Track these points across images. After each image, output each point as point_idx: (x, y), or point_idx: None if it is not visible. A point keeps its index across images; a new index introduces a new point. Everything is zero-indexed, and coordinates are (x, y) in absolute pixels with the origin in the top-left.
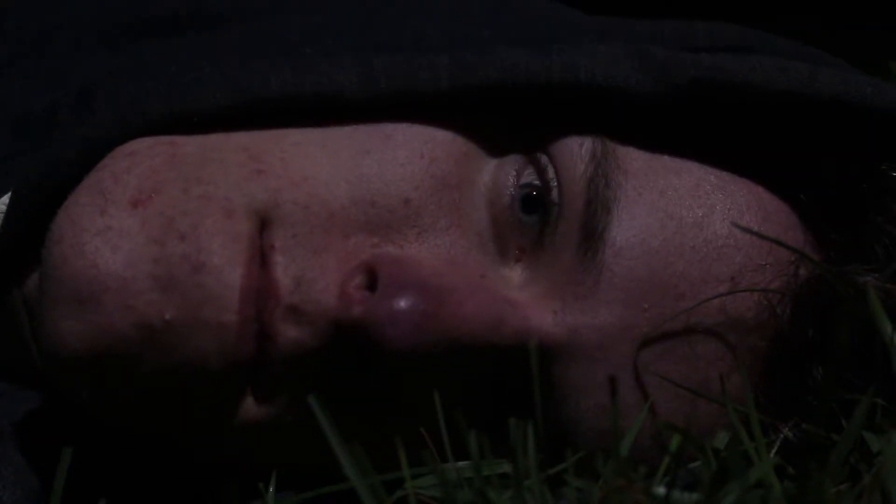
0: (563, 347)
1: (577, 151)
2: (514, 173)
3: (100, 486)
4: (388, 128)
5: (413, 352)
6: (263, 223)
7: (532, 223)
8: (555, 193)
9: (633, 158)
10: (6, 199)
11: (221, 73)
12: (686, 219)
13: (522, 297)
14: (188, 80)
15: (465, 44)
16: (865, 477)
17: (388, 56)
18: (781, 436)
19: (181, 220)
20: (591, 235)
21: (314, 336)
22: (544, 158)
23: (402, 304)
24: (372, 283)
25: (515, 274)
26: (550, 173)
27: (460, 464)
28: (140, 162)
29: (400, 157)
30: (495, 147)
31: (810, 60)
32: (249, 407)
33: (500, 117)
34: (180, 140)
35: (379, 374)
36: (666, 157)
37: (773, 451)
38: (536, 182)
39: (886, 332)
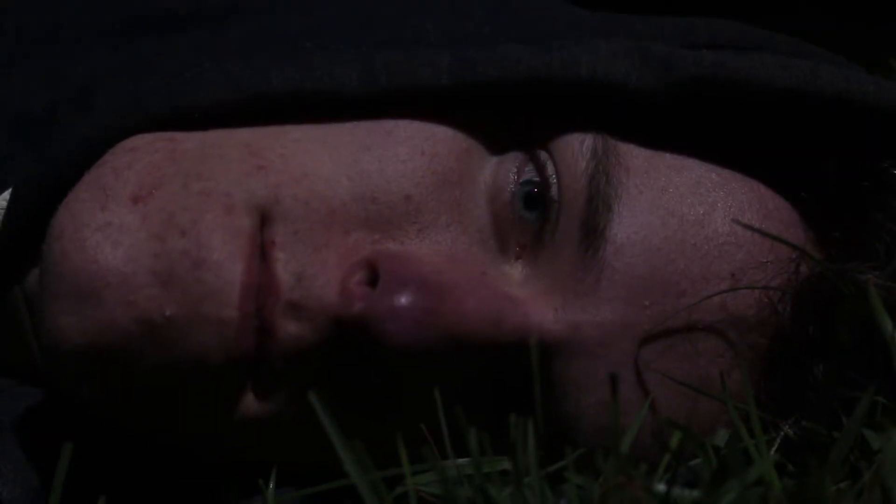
0: (563, 344)
1: (578, 148)
2: (515, 170)
3: (99, 483)
4: (389, 124)
5: (413, 348)
6: (264, 219)
7: (532, 220)
8: (554, 190)
9: (635, 156)
10: (6, 195)
11: (222, 69)
12: (687, 216)
13: (523, 294)
14: (189, 77)
15: (466, 41)
16: (866, 475)
17: (389, 53)
18: (782, 433)
19: (181, 215)
20: (593, 232)
21: (314, 332)
22: (544, 155)
23: (403, 300)
24: (373, 279)
25: (516, 271)
26: (550, 170)
27: (461, 461)
28: (140, 158)
29: (401, 153)
30: (496, 144)
31: (812, 58)
32: (250, 403)
33: (501, 114)
34: (181, 136)
35: (379, 371)
36: (667, 155)
37: (774, 448)
38: (536, 178)
39: (887, 329)
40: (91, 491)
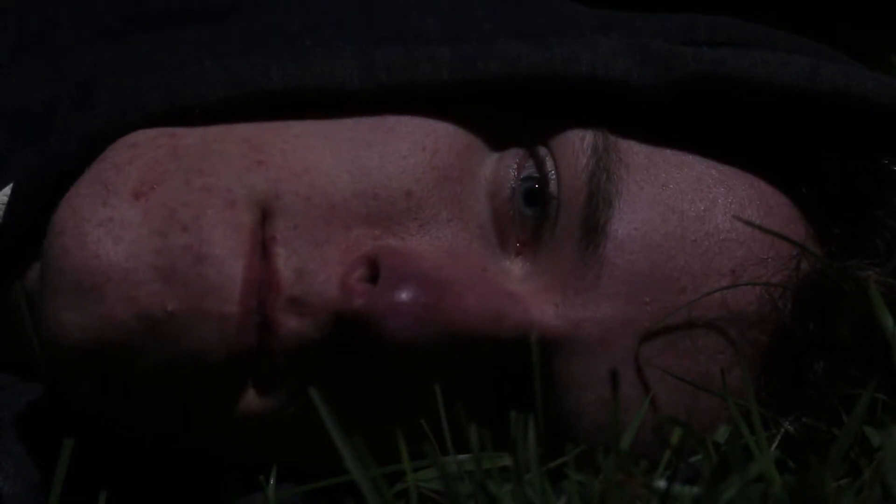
0: (564, 341)
1: (578, 145)
2: (515, 166)
3: (100, 480)
4: (390, 120)
5: (414, 344)
6: (265, 214)
7: (533, 216)
8: (553, 186)
9: (635, 152)
10: (7, 191)
11: (223, 66)
12: (688, 212)
13: (524, 290)
14: (189, 74)
15: (466, 38)
16: (866, 471)
17: (390, 50)
18: (782, 430)
19: (183, 211)
20: (593, 229)
21: (315, 328)
22: (543, 151)
23: (404, 296)
24: (373, 275)
25: (517, 267)
26: (549, 166)
27: (461, 457)
28: (142, 153)
29: (402, 149)
30: (497, 140)
31: (812, 55)
32: (250, 399)
33: (502, 110)
34: (182, 132)
35: (380, 367)
36: (668, 151)
37: (774, 445)
38: (536, 175)
39: (888, 326)
40: (92, 487)
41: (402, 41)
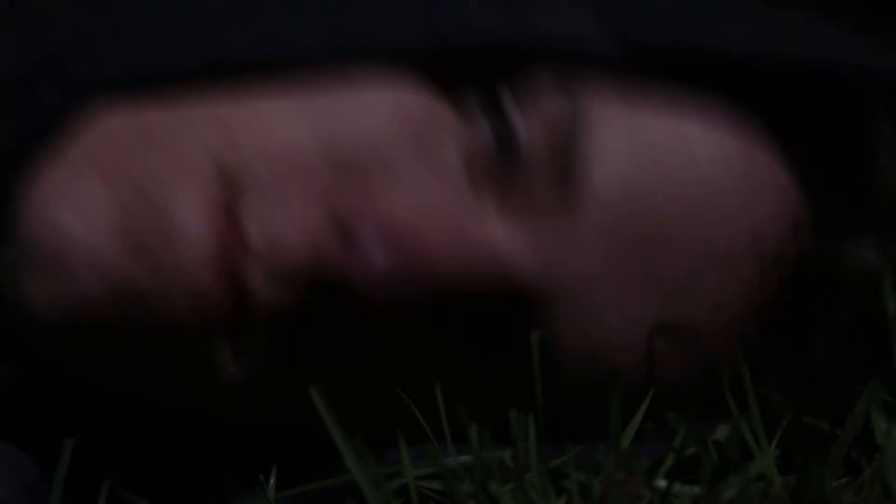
0: (545, 293)
1: (550, 94)
2: (488, 120)
3: (99, 479)
4: (357, 84)
5: (391, 303)
6: (232, 182)
7: (509, 170)
8: (525, 136)
9: (610, 101)
10: None
11: (190, 36)
12: (668, 161)
13: (502, 245)
14: (155, 45)
15: (437, 4)
16: (866, 470)
17: (356, 16)
18: (782, 429)
19: (148, 183)
20: (572, 181)
21: (288, 291)
22: (514, 103)
23: (377, 254)
24: (347, 236)
25: (494, 221)
26: (520, 116)
27: (462, 458)
28: (105, 128)
29: (370, 111)
30: (466, 94)
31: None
32: (228, 366)
33: (473, 67)
34: (147, 104)
35: (358, 331)
36: (645, 101)
37: (774, 444)
38: (510, 128)
39: (891, 308)
40: (91, 487)
41: (371, 9)
